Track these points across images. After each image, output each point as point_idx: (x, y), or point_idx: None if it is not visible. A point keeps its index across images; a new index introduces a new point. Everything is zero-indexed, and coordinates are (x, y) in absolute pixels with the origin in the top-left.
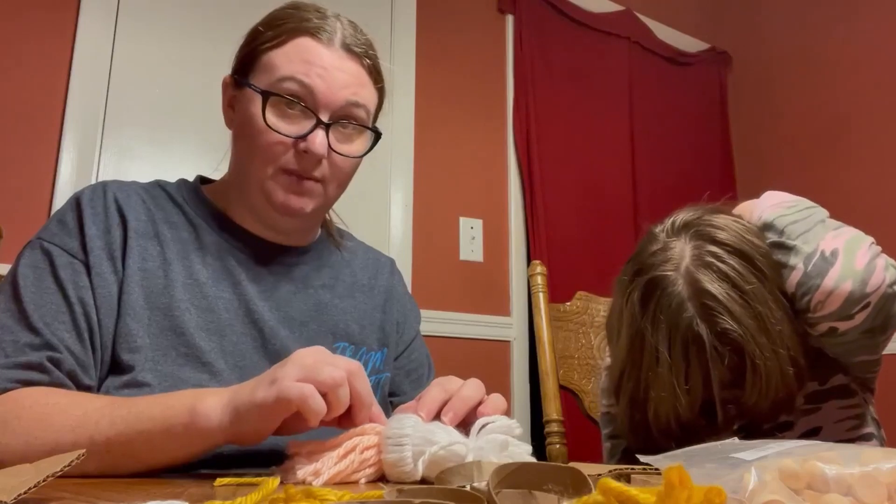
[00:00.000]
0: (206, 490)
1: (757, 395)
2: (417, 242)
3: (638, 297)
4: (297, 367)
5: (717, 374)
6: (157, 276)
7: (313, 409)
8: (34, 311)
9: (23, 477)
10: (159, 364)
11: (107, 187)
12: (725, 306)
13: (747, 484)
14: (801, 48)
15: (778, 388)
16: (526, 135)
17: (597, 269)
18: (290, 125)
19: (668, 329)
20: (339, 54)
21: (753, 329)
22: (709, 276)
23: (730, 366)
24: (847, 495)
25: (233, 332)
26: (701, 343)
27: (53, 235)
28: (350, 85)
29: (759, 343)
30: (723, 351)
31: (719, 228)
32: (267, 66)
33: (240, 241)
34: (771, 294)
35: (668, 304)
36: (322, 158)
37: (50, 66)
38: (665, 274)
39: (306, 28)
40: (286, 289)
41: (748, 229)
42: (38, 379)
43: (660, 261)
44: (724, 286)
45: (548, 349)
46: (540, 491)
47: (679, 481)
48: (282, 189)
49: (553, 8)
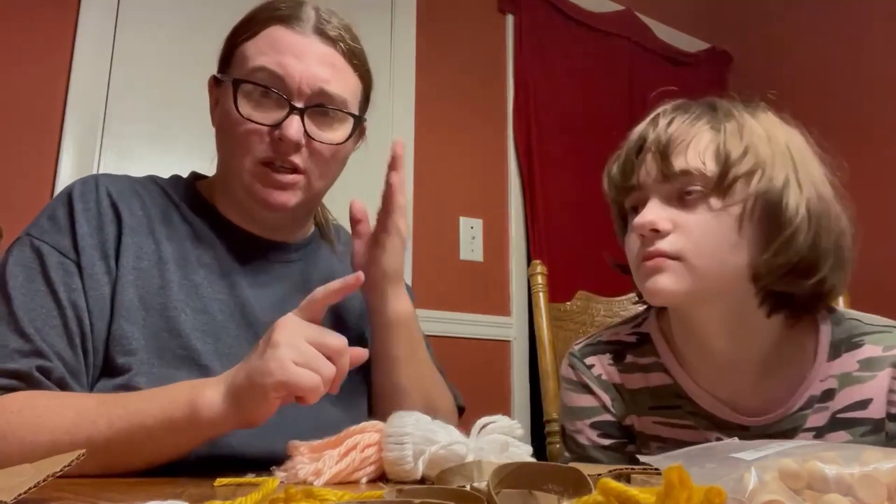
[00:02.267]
0: (206, 490)
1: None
2: (417, 242)
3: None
4: (292, 349)
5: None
6: (152, 276)
7: (314, 394)
8: (24, 315)
9: (23, 477)
10: (155, 367)
11: (99, 181)
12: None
13: (747, 484)
14: (801, 48)
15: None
16: (526, 135)
17: (597, 269)
18: (263, 114)
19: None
20: (312, 40)
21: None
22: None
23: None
24: (847, 495)
25: (227, 334)
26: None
27: (44, 232)
28: (324, 70)
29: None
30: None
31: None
32: (240, 59)
33: (234, 239)
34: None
35: None
36: (299, 145)
37: (50, 65)
38: None
39: (278, 17)
40: (282, 288)
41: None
42: (26, 389)
43: None
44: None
45: (548, 349)
46: (540, 491)
47: (679, 481)
48: (260, 183)
49: (553, 8)
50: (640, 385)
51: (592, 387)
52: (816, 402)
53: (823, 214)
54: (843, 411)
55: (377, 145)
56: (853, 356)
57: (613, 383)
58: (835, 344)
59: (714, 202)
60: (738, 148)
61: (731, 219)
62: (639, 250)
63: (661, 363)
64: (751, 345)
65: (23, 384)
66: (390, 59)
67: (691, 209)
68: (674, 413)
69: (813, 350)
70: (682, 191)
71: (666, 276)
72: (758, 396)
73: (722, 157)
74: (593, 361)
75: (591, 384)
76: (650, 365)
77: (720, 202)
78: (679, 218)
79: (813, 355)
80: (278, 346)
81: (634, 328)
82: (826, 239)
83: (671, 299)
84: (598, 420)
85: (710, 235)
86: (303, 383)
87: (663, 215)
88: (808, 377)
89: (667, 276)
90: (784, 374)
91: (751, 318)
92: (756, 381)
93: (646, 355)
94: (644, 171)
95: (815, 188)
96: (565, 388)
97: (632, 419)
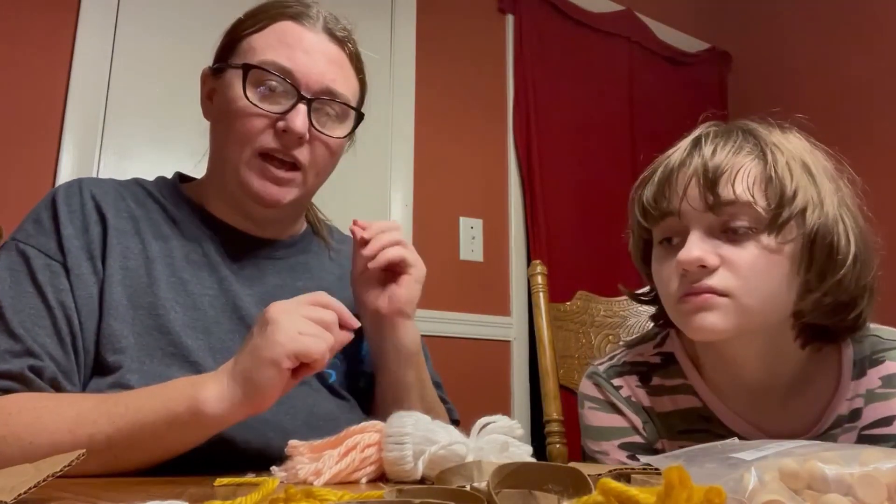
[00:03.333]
0: (206, 490)
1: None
2: (417, 242)
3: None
4: (286, 334)
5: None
6: (139, 275)
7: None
8: (13, 316)
9: (23, 477)
10: (145, 364)
11: (82, 184)
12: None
13: (747, 484)
14: (802, 48)
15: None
16: (526, 134)
17: (597, 269)
18: (270, 104)
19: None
20: (322, 38)
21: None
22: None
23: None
24: (847, 495)
25: (219, 329)
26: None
27: (29, 236)
28: (332, 68)
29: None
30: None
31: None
32: (247, 50)
33: (222, 236)
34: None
35: None
36: (303, 139)
37: (50, 66)
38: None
39: (288, 13)
40: (272, 282)
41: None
42: (19, 390)
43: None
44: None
45: (548, 349)
46: (540, 491)
47: (679, 481)
48: (257, 176)
49: (553, 8)
50: (670, 408)
51: (621, 406)
52: (845, 421)
53: (867, 247)
54: (868, 428)
55: (377, 145)
56: (876, 373)
57: (643, 406)
58: (858, 362)
59: (766, 239)
60: (791, 184)
61: (783, 258)
62: (680, 284)
63: (688, 385)
64: (782, 372)
65: (16, 384)
66: (390, 59)
67: (740, 244)
68: (702, 437)
69: (837, 368)
70: (725, 223)
71: (715, 315)
72: (785, 417)
73: (776, 194)
74: (620, 383)
75: (620, 404)
76: (678, 387)
77: (773, 240)
78: (726, 252)
79: (837, 374)
80: (279, 321)
81: (657, 348)
82: (867, 273)
83: (717, 336)
84: (627, 441)
85: (762, 273)
86: (313, 349)
87: (709, 250)
88: (835, 397)
89: (716, 315)
90: (810, 394)
91: (786, 347)
92: (783, 402)
93: (672, 377)
94: (685, 201)
95: (855, 220)
96: (589, 408)
97: (662, 443)
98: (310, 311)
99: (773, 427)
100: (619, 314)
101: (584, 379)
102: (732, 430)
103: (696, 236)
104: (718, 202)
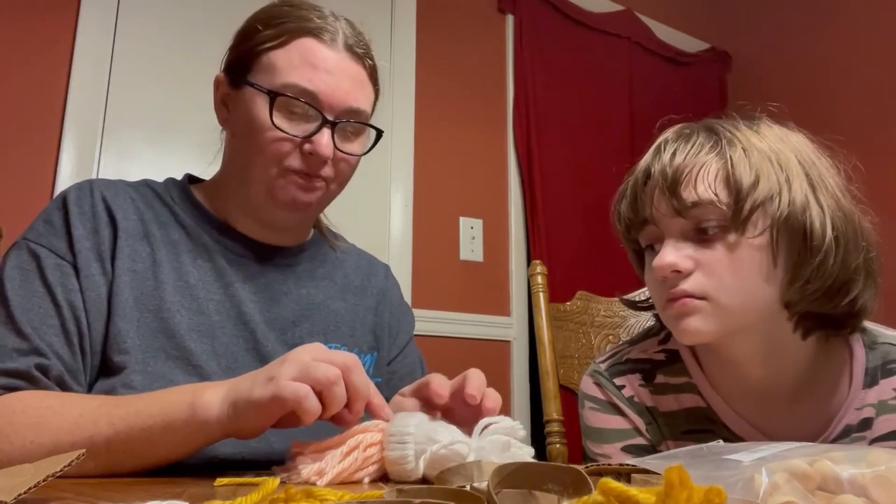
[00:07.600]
0: (206, 490)
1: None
2: (417, 242)
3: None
4: (294, 365)
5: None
6: (146, 278)
7: (308, 410)
8: (22, 315)
9: (23, 477)
10: (149, 366)
11: (94, 186)
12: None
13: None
14: (801, 48)
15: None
16: (526, 134)
17: (597, 269)
18: (295, 126)
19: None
20: (343, 56)
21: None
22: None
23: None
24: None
25: (224, 333)
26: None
27: (40, 236)
28: (354, 88)
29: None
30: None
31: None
32: (269, 67)
33: (231, 242)
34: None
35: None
36: (328, 160)
37: (50, 66)
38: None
39: (308, 28)
40: (278, 290)
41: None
42: (25, 388)
43: None
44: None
45: (548, 349)
46: (540, 491)
47: (679, 481)
48: (293, 185)
49: (553, 8)
50: (674, 408)
51: (623, 408)
52: (854, 431)
53: (849, 230)
54: (880, 440)
55: (377, 145)
56: (889, 384)
57: (647, 406)
58: (871, 370)
59: (733, 237)
60: (749, 175)
61: (755, 251)
62: (661, 291)
63: (693, 384)
64: (786, 369)
65: (22, 383)
66: (390, 60)
67: (710, 245)
68: (707, 437)
69: (847, 375)
70: (697, 225)
71: (695, 319)
72: (791, 422)
73: (734, 188)
74: (623, 382)
75: (622, 405)
76: (682, 385)
77: (740, 236)
78: (699, 255)
79: (848, 382)
80: (283, 363)
81: (662, 344)
82: (855, 256)
83: (704, 339)
84: (630, 444)
85: (735, 271)
86: (305, 406)
87: (682, 254)
88: (843, 405)
89: (696, 319)
90: (817, 397)
91: (786, 342)
92: (789, 404)
93: (677, 375)
94: (654, 207)
95: (835, 202)
96: (590, 408)
97: (666, 444)
98: (321, 354)
99: (779, 432)
100: (619, 314)
101: (586, 377)
102: (736, 433)
103: (670, 242)
104: (683, 205)
